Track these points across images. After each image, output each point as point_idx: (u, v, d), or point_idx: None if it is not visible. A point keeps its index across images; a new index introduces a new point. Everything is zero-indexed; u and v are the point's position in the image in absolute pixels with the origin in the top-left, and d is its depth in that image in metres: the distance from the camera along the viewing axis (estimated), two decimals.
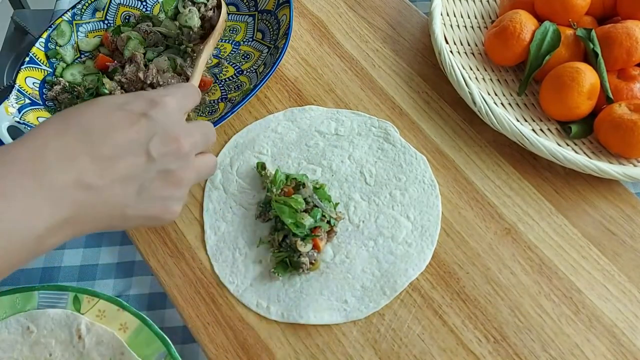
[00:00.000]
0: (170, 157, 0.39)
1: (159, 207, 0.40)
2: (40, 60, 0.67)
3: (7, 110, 0.60)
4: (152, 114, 0.39)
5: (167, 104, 0.40)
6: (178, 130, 0.40)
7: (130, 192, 0.37)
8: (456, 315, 0.52)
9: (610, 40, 0.62)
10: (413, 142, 0.63)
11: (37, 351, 0.50)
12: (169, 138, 0.39)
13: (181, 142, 0.40)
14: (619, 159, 0.60)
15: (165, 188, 0.40)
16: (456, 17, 0.72)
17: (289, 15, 0.68)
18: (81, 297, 0.52)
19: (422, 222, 0.57)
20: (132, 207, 0.38)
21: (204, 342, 0.51)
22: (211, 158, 0.45)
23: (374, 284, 0.53)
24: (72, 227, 0.35)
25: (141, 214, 0.39)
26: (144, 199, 0.38)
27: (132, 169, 0.37)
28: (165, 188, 0.40)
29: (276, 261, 0.54)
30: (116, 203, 0.37)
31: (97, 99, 0.39)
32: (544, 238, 0.56)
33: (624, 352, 0.50)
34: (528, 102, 0.66)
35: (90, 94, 0.64)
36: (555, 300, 0.52)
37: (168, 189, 0.40)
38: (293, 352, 0.50)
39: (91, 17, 0.71)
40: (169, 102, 0.40)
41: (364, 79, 0.68)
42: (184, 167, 0.40)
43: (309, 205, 0.55)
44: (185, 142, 0.40)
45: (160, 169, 0.39)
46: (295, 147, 0.63)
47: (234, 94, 0.67)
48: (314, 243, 0.53)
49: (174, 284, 0.54)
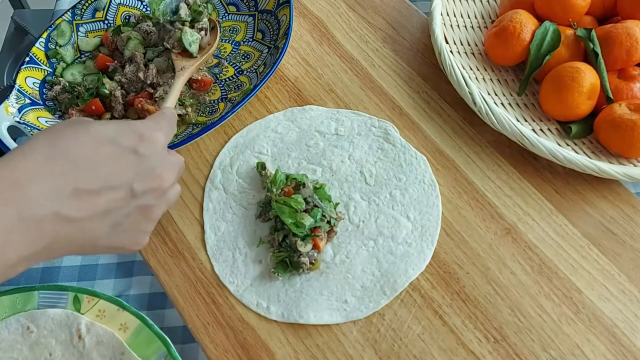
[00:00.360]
0: (152, 194, 0.40)
1: (129, 239, 0.41)
2: (40, 60, 0.67)
3: (7, 110, 0.60)
4: (140, 150, 0.39)
5: (157, 141, 0.40)
6: (162, 167, 0.41)
7: (105, 225, 0.37)
8: (456, 315, 0.52)
9: (610, 40, 0.62)
10: (413, 142, 0.63)
11: (37, 351, 0.50)
12: (154, 176, 0.40)
13: (164, 181, 0.41)
14: (619, 158, 0.60)
15: (140, 222, 0.40)
16: (456, 17, 0.72)
17: (289, 15, 0.68)
18: (81, 297, 0.52)
19: (422, 222, 0.57)
20: (105, 239, 0.38)
21: (204, 342, 0.51)
22: (178, 188, 0.45)
23: (374, 284, 0.53)
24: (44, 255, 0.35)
25: (111, 245, 0.39)
26: (117, 232, 0.39)
27: (112, 204, 0.37)
28: (140, 222, 0.40)
29: (276, 261, 0.54)
30: (90, 235, 0.37)
31: (89, 126, 0.38)
32: (544, 238, 0.56)
33: (624, 352, 0.50)
34: (528, 102, 0.66)
35: (90, 94, 0.64)
36: (556, 300, 0.52)
37: (142, 224, 0.41)
38: (293, 352, 0.50)
39: (91, 17, 0.71)
40: (158, 138, 0.41)
41: (364, 79, 0.68)
42: (160, 203, 0.41)
43: (309, 205, 0.55)
44: (166, 181, 0.41)
45: (139, 204, 0.39)
46: (296, 147, 0.62)
47: (234, 94, 0.67)
48: (314, 243, 0.53)
49: (174, 284, 0.54)
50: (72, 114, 0.63)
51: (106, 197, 0.36)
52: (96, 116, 0.63)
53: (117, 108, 0.63)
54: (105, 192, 0.36)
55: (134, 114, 0.63)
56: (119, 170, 0.37)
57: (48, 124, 0.62)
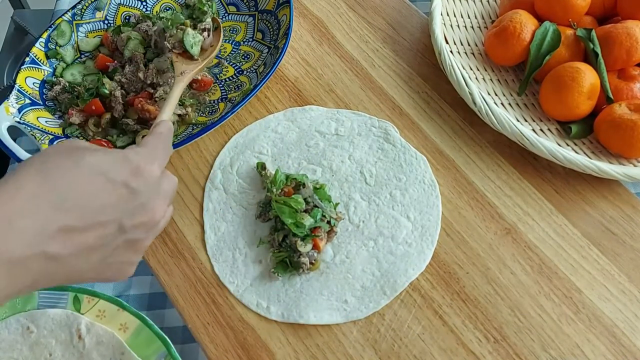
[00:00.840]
0: (142, 229, 0.39)
1: (115, 270, 0.40)
2: (41, 60, 0.67)
3: (8, 110, 0.60)
4: (133, 185, 0.37)
5: (151, 174, 0.39)
6: (154, 200, 0.40)
7: (92, 261, 0.36)
8: (456, 315, 0.52)
9: (610, 40, 0.62)
10: (413, 142, 0.63)
11: (37, 351, 0.50)
12: (145, 210, 0.39)
13: (155, 214, 0.39)
14: (619, 159, 0.60)
15: (127, 254, 0.39)
16: (456, 17, 0.72)
17: (289, 15, 0.68)
18: (81, 297, 0.52)
19: (422, 222, 0.57)
20: (91, 272, 0.37)
21: (204, 342, 0.51)
22: (169, 212, 0.44)
23: (374, 284, 0.53)
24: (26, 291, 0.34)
25: (97, 276, 0.39)
26: (103, 265, 0.38)
27: (100, 241, 0.36)
28: (127, 254, 0.39)
29: (276, 261, 0.54)
30: (76, 270, 0.36)
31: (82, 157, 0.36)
32: (544, 238, 0.56)
33: (624, 352, 0.50)
34: (528, 102, 0.66)
35: (90, 94, 0.64)
36: (556, 300, 0.52)
37: (129, 255, 0.40)
38: (293, 352, 0.50)
39: (91, 17, 0.71)
40: (152, 172, 0.39)
41: (364, 79, 0.68)
42: (150, 236, 0.40)
43: (309, 205, 0.55)
44: (158, 214, 0.40)
45: (128, 239, 0.38)
46: (296, 147, 0.62)
47: (234, 94, 0.67)
48: (314, 243, 0.53)
49: (174, 284, 0.54)
50: (72, 114, 0.63)
51: (94, 233, 0.35)
52: (96, 116, 0.63)
53: (117, 108, 0.63)
54: (94, 228, 0.35)
55: (134, 114, 0.63)
56: (109, 206, 0.36)
57: (48, 124, 0.62)
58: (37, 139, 0.59)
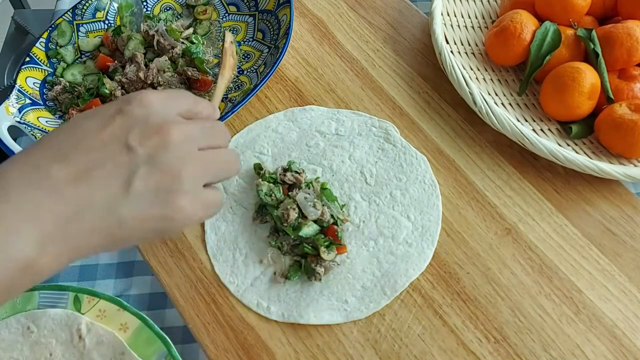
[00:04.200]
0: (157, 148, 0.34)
1: (156, 203, 0.34)
2: (41, 60, 0.67)
3: (8, 110, 0.60)
4: (127, 109, 0.35)
5: (145, 97, 0.36)
6: (162, 119, 0.35)
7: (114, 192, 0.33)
8: (457, 316, 0.52)
9: (610, 40, 0.62)
10: (413, 142, 0.63)
11: (38, 351, 0.50)
12: (152, 128, 0.35)
13: (169, 131, 0.35)
14: (619, 159, 0.60)
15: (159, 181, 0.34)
16: (457, 17, 0.72)
17: (289, 15, 0.68)
18: (81, 297, 0.52)
19: (423, 222, 0.57)
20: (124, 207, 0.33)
21: (204, 342, 0.51)
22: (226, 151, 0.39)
23: (375, 284, 0.53)
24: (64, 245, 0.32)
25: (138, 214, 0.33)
26: (134, 196, 0.33)
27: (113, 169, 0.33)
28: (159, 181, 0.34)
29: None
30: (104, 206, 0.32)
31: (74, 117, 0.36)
32: (544, 238, 0.56)
33: (624, 353, 0.50)
34: (528, 102, 0.66)
35: (90, 94, 0.64)
36: (556, 301, 0.52)
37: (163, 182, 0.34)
38: (293, 352, 0.50)
39: (92, 17, 0.71)
40: (146, 96, 0.36)
41: (364, 79, 0.68)
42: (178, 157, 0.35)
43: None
44: (174, 132, 0.35)
45: (148, 161, 0.34)
46: (296, 147, 0.62)
47: (234, 93, 0.67)
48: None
49: (174, 284, 0.54)
50: (72, 114, 0.63)
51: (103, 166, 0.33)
52: None
53: None
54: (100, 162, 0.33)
55: None
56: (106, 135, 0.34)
57: (48, 124, 0.62)
58: (37, 139, 0.59)
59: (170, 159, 0.34)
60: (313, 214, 0.53)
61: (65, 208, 0.32)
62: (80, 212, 0.32)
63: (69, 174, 0.32)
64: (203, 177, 0.37)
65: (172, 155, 0.34)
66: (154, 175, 0.34)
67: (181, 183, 0.35)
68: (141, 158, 0.34)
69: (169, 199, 0.34)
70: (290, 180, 0.56)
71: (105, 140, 0.34)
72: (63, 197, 0.32)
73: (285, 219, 0.53)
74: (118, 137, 0.34)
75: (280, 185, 0.56)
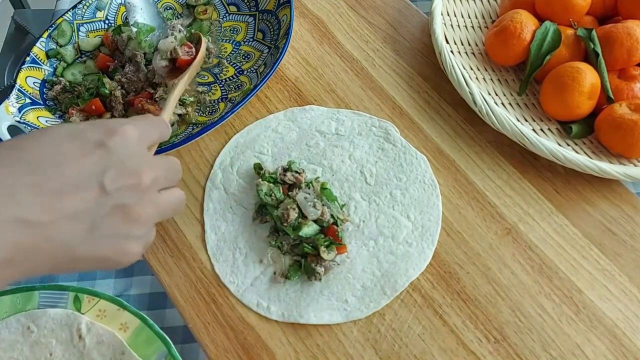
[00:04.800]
0: (128, 192, 0.36)
1: (113, 246, 0.35)
2: (41, 60, 0.67)
3: (8, 109, 0.60)
4: (109, 144, 0.35)
5: (127, 133, 0.37)
6: (137, 162, 0.37)
7: (79, 229, 0.33)
8: (457, 315, 0.52)
9: (611, 40, 0.62)
10: (413, 142, 0.63)
11: (38, 351, 0.50)
12: (127, 170, 0.36)
13: (141, 176, 0.36)
14: (619, 158, 0.60)
15: (121, 225, 0.35)
16: (457, 17, 0.72)
17: (289, 15, 0.68)
18: (82, 297, 0.52)
19: (423, 222, 0.57)
20: (82, 246, 0.34)
21: (204, 342, 0.51)
22: (177, 193, 0.41)
23: (375, 284, 0.53)
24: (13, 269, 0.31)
25: (92, 254, 0.35)
26: (95, 237, 0.34)
27: (83, 204, 0.33)
28: (121, 225, 0.35)
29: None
30: (63, 242, 0.33)
31: (50, 128, 0.35)
32: (544, 238, 0.56)
33: (624, 353, 0.50)
34: (528, 102, 0.66)
35: (90, 93, 0.64)
36: (556, 300, 0.52)
37: (125, 227, 0.35)
38: (293, 351, 0.50)
39: (92, 17, 0.71)
40: (128, 131, 0.37)
41: (364, 79, 0.68)
42: (143, 203, 0.36)
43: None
44: (145, 176, 0.37)
45: (116, 204, 0.35)
46: (296, 146, 0.62)
47: (234, 94, 0.67)
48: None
49: (174, 284, 0.54)
50: (72, 114, 0.63)
51: (74, 197, 0.33)
52: (96, 116, 0.63)
53: (117, 108, 0.63)
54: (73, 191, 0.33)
55: (134, 113, 0.63)
56: (85, 166, 0.34)
57: (48, 124, 0.62)
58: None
59: (136, 204, 0.36)
60: (313, 214, 0.53)
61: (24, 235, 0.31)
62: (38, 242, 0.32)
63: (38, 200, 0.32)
64: (156, 219, 0.39)
65: (138, 201, 0.36)
66: (117, 218, 0.35)
67: (138, 229, 0.37)
68: (112, 202, 0.35)
69: (123, 244, 0.36)
70: (290, 180, 0.56)
71: (82, 171, 0.34)
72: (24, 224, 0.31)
73: (285, 219, 0.53)
74: (95, 174, 0.34)
75: (280, 185, 0.56)
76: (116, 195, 0.35)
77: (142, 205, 0.36)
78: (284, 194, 0.56)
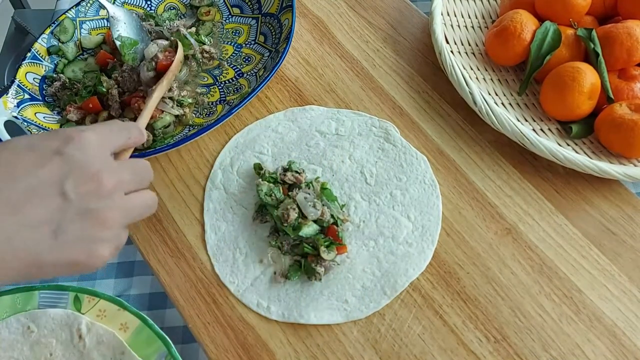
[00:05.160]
0: (90, 196, 0.36)
1: (80, 250, 0.36)
2: (42, 56, 0.67)
3: (6, 104, 0.60)
4: (66, 150, 0.35)
5: (85, 139, 0.37)
6: (98, 166, 0.37)
7: (43, 236, 0.34)
8: (457, 315, 0.52)
9: (611, 40, 0.62)
10: (414, 142, 0.63)
11: (38, 351, 0.50)
12: (87, 175, 0.36)
13: (101, 180, 0.36)
14: (619, 158, 0.60)
15: (88, 229, 0.36)
16: (457, 17, 0.72)
17: (291, 19, 0.68)
18: (82, 297, 0.52)
19: (423, 222, 0.57)
20: (49, 253, 0.34)
21: (204, 342, 0.51)
22: (146, 195, 0.41)
23: (375, 284, 0.53)
24: None
25: (60, 260, 0.35)
26: (62, 242, 0.35)
27: (45, 213, 0.34)
28: (88, 229, 0.36)
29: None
30: (27, 250, 0.33)
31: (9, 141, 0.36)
32: (544, 238, 0.56)
33: (624, 352, 0.50)
34: (529, 102, 0.66)
35: (88, 91, 0.64)
36: (556, 300, 0.52)
37: (91, 230, 0.36)
38: (293, 351, 0.50)
39: (95, 15, 0.71)
40: (87, 137, 0.37)
41: (364, 79, 0.68)
42: (108, 207, 0.37)
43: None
44: (107, 180, 0.37)
45: (80, 209, 0.35)
46: (296, 147, 0.62)
47: (232, 96, 0.67)
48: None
49: (174, 284, 0.54)
50: (69, 111, 0.63)
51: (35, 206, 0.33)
52: (93, 114, 0.63)
53: (113, 106, 0.63)
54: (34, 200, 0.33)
55: (130, 113, 0.63)
56: (44, 175, 0.34)
57: (46, 120, 0.62)
58: None
59: (101, 208, 0.36)
60: (313, 214, 0.53)
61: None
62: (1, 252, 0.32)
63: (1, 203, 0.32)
64: (125, 222, 0.39)
65: (102, 205, 0.36)
66: (83, 223, 0.35)
67: (106, 231, 0.37)
68: (73, 206, 0.35)
69: (91, 247, 0.36)
70: (290, 180, 0.57)
71: (42, 179, 0.34)
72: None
73: (285, 219, 0.53)
74: (55, 182, 0.35)
75: (280, 185, 0.56)
76: (79, 201, 0.35)
77: (107, 209, 0.37)
78: (284, 194, 0.56)
